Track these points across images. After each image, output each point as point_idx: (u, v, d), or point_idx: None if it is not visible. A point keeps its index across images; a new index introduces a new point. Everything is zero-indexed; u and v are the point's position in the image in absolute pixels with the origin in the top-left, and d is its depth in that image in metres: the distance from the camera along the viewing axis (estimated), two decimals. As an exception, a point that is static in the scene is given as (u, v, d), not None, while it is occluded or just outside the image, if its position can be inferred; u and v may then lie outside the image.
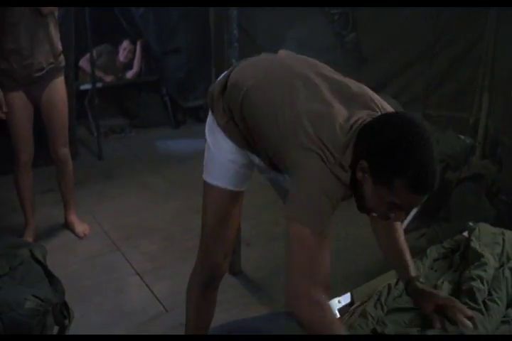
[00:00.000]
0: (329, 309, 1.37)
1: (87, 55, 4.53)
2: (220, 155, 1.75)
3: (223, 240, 1.89)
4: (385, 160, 1.31)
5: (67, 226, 3.35)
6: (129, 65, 5.12)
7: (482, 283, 1.66)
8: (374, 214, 1.45)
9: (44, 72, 2.89)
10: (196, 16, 5.07)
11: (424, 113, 3.81)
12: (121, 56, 5.07)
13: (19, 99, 2.90)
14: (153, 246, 3.23)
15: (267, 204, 3.34)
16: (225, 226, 1.86)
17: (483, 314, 1.55)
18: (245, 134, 1.65)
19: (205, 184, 1.83)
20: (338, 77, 1.60)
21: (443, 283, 1.74)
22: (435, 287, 1.71)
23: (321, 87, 1.52)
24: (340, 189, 1.39)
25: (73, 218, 3.34)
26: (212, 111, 1.75)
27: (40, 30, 2.82)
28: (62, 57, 2.99)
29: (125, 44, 5.05)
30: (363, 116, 1.44)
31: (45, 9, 2.76)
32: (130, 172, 4.21)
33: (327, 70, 1.63)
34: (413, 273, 1.64)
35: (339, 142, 1.39)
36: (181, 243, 3.16)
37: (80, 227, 3.32)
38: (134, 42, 5.08)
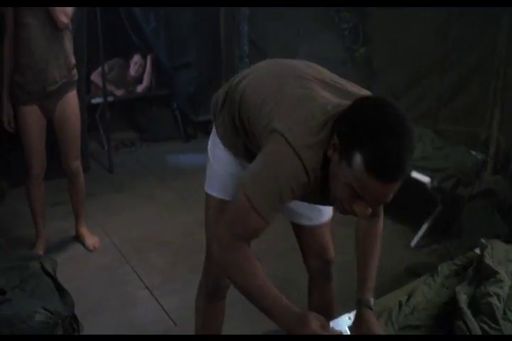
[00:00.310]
0: (244, 254, 1.40)
1: (99, 69, 4.57)
2: (220, 167, 1.78)
3: None
4: (352, 131, 1.26)
5: (77, 238, 3.36)
6: (139, 79, 5.15)
7: (499, 300, 1.64)
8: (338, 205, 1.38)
9: (58, 85, 2.92)
10: (206, 31, 5.12)
11: (435, 128, 3.79)
12: (132, 70, 5.11)
13: (33, 112, 2.93)
14: (162, 259, 3.23)
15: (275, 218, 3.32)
16: None
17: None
18: (244, 138, 1.65)
19: (206, 195, 1.86)
20: (340, 80, 1.58)
21: (459, 293, 1.71)
22: (453, 300, 1.69)
23: (314, 81, 1.50)
24: (300, 173, 1.34)
25: (84, 231, 3.35)
26: (214, 120, 1.78)
27: (55, 44, 2.85)
28: (75, 71, 3.02)
29: (136, 58, 5.09)
30: None
31: (61, 24, 2.80)
32: (140, 185, 4.22)
33: (334, 77, 1.59)
34: (367, 292, 1.60)
35: (315, 122, 1.35)
36: (191, 257, 3.15)
37: (90, 240, 3.33)
38: (144, 57, 5.12)
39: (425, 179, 3.26)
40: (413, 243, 3.36)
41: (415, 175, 3.26)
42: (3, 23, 2.86)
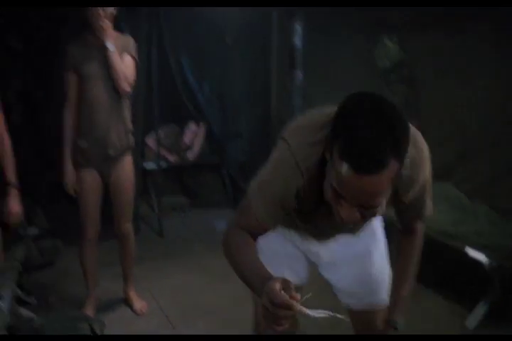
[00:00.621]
0: (242, 236, 1.49)
1: (153, 134, 4.73)
2: (265, 244, 1.72)
3: None
4: (333, 126, 1.22)
5: (125, 301, 3.35)
6: (190, 146, 5.29)
7: None
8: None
9: (116, 151, 3.02)
10: (258, 101, 5.26)
11: (491, 204, 3.67)
12: (187, 138, 5.26)
13: (91, 176, 3.01)
14: (209, 327, 3.16)
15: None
16: None
17: None
18: None
19: None
20: None
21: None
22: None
23: None
24: (295, 173, 1.36)
25: (132, 294, 3.34)
26: None
27: (115, 111, 2.97)
28: (131, 136, 3.12)
29: (191, 126, 5.26)
30: None
31: (124, 92, 2.94)
32: (189, 251, 4.23)
33: None
34: (396, 314, 1.64)
35: (317, 124, 1.38)
36: (237, 327, 3.08)
37: (138, 304, 3.31)
38: (198, 125, 5.28)
39: (480, 256, 3.11)
40: (468, 324, 3.19)
41: (469, 251, 3.16)
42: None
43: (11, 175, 2.63)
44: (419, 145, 1.42)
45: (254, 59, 5.16)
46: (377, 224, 1.85)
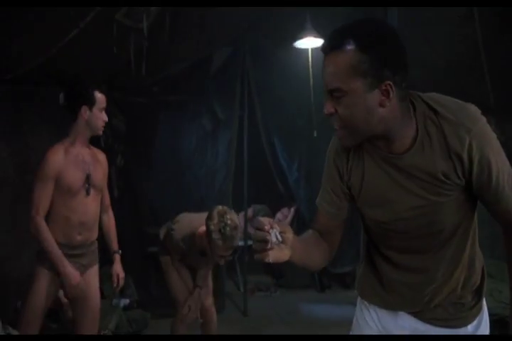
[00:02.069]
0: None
1: (243, 212, 4.83)
2: (358, 330, 1.71)
3: None
4: None
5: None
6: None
7: None
8: None
9: None
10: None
11: None
12: (277, 219, 5.31)
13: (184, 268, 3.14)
14: None
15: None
16: None
17: None
18: None
19: None
20: None
21: None
22: None
23: None
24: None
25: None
26: None
27: None
28: None
29: (283, 210, 5.33)
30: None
31: None
32: (273, 332, 4.14)
33: None
34: None
35: None
36: None
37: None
38: (290, 207, 5.34)
39: None
40: None
41: None
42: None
43: (115, 245, 2.96)
44: (477, 119, 1.36)
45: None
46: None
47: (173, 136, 4.84)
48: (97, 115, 2.65)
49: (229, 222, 2.78)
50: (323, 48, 1.34)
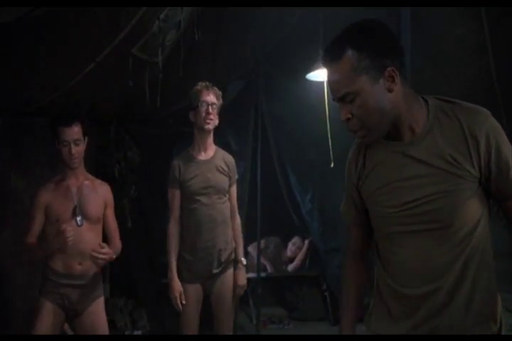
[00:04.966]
0: (348, 274, 1.73)
1: (255, 243, 4.80)
2: None
3: None
4: None
5: None
6: (292, 259, 5.29)
7: None
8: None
9: (221, 267, 3.07)
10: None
11: None
12: (289, 251, 5.29)
13: (195, 290, 3.05)
14: None
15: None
16: None
17: None
18: None
19: None
20: None
21: None
22: None
23: None
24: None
25: None
26: None
27: (222, 229, 3.07)
28: (233, 253, 3.15)
29: (295, 240, 5.30)
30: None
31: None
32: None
33: None
34: None
35: None
36: None
37: None
38: (303, 239, 5.31)
39: None
40: None
41: None
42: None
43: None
44: (490, 114, 1.42)
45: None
46: None
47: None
48: (61, 149, 2.72)
49: None
50: (324, 63, 1.42)
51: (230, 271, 3.14)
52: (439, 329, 1.46)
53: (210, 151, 3.10)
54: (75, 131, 2.69)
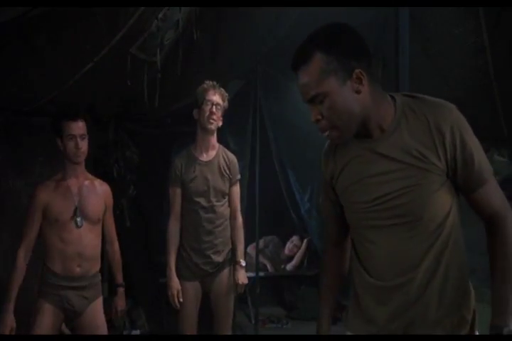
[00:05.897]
0: (326, 260, 1.76)
1: (254, 243, 4.80)
2: None
3: None
4: None
5: None
6: (291, 258, 5.29)
7: None
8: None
9: (218, 267, 3.09)
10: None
11: None
12: (287, 249, 5.29)
13: (193, 288, 3.07)
14: None
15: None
16: None
17: None
18: None
19: None
20: None
21: None
22: None
23: None
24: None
25: None
26: None
27: (220, 231, 3.09)
28: (230, 252, 3.17)
29: (294, 238, 5.30)
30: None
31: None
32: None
33: None
34: (501, 317, 1.37)
35: None
36: None
37: None
38: (302, 238, 5.31)
39: None
40: None
41: None
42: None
43: (120, 278, 2.93)
44: (455, 108, 1.46)
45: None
46: None
47: (186, 166, 4.85)
48: (67, 144, 2.67)
49: None
50: (293, 66, 1.45)
51: (228, 269, 3.15)
52: (414, 321, 1.47)
53: (211, 152, 3.10)
54: (80, 126, 2.68)
